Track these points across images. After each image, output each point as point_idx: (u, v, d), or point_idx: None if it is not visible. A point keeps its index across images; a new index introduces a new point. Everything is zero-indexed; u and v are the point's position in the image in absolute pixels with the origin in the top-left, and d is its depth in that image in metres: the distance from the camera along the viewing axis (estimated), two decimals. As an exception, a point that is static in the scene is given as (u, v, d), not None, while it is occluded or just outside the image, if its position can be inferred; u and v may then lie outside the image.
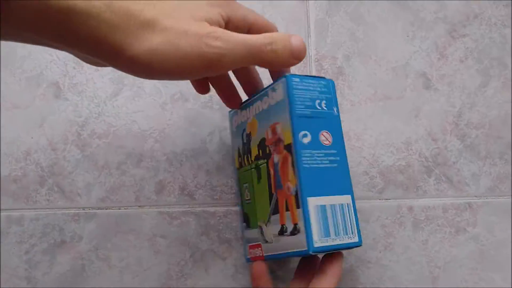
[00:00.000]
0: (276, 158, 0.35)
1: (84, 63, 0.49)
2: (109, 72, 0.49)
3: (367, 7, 0.50)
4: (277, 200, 0.36)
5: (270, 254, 0.39)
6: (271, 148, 0.36)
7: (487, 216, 0.47)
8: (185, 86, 0.49)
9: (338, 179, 0.35)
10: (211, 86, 0.42)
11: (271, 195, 0.37)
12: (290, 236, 0.35)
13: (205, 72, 0.31)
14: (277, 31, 0.37)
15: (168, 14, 0.30)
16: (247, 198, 0.41)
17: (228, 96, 0.41)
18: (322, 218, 0.34)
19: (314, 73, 0.49)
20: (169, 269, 0.46)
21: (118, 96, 0.48)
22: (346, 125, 0.48)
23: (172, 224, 0.46)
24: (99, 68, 0.49)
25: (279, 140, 0.35)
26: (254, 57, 0.32)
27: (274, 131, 0.36)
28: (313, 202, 0.34)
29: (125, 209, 0.47)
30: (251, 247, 0.41)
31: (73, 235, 0.46)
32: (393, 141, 0.48)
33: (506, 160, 0.47)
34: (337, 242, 0.34)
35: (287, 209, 0.35)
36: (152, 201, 0.47)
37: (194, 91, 0.48)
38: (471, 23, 0.50)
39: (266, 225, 0.38)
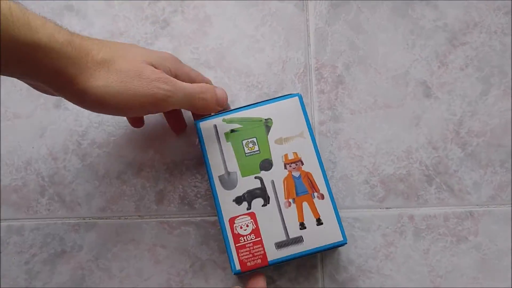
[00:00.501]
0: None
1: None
2: (109, 81, 0.49)
3: (366, 16, 0.50)
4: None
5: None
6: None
7: (488, 225, 0.46)
8: (185, 95, 0.49)
9: None
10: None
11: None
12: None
13: (151, 110, 0.37)
14: (211, 83, 0.46)
15: (123, 56, 0.35)
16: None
17: (174, 125, 0.47)
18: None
19: (314, 82, 0.49)
20: (169, 279, 0.46)
21: (118, 105, 0.49)
22: (346, 134, 0.48)
23: (172, 233, 0.46)
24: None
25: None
26: (189, 102, 0.39)
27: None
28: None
29: (125, 218, 0.47)
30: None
31: (73, 244, 0.46)
32: (393, 149, 0.48)
33: (507, 169, 0.47)
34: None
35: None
36: (152, 211, 0.47)
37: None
38: (471, 31, 0.50)
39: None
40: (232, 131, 0.42)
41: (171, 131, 0.48)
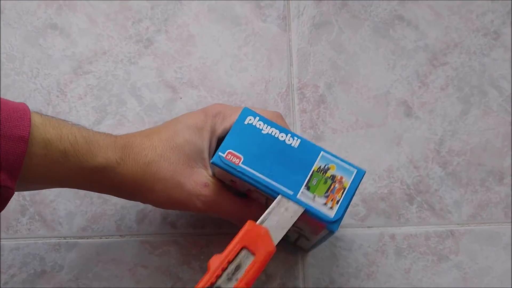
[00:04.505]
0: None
1: (67, 91, 0.49)
2: (92, 100, 0.49)
3: (348, 36, 0.51)
4: None
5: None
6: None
7: (469, 244, 0.47)
8: (167, 114, 0.49)
9: None
10: None
11: None
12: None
13: (183, 210, 0.43)
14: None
15: (167, 158, 0.37)
16: None
17: None
18: None
19: (296, 101, 0.49)
20: (150, 299, 0.45)
21: (101, 124, 0.49)
22: (328, 153, 0.48)
23: (153, 253, 0.46)
24: (83, 96, 0.49)
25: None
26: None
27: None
28: None
29: (106, 238, 0.46)
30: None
31: (53, 264, 0.46)
32: (375, 168, 0.48)
33: (487, 187, 0.48)
34: None
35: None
36: (133, 230, 0.46)
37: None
38: (451, 52, 0.51)
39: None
40: None
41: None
